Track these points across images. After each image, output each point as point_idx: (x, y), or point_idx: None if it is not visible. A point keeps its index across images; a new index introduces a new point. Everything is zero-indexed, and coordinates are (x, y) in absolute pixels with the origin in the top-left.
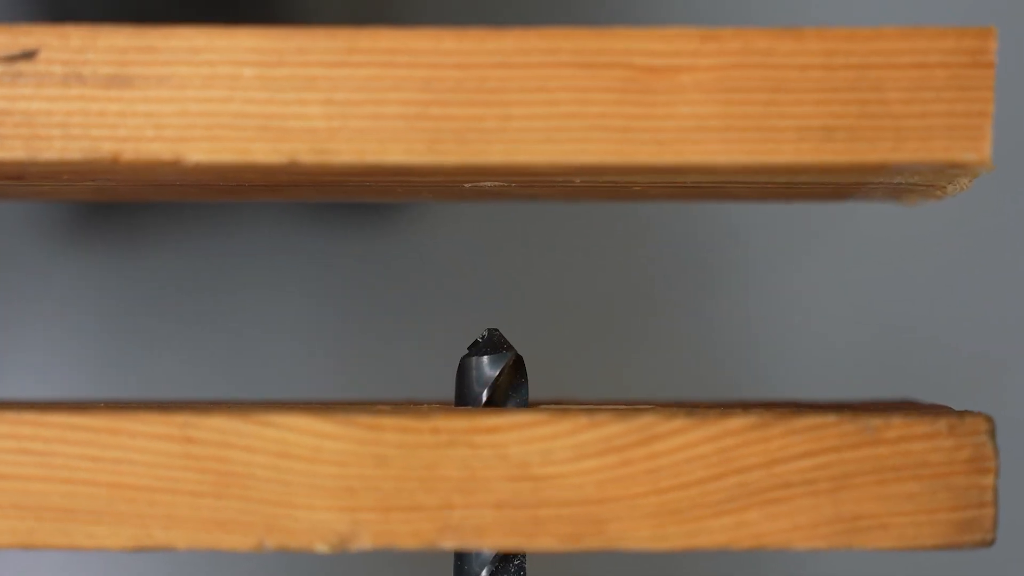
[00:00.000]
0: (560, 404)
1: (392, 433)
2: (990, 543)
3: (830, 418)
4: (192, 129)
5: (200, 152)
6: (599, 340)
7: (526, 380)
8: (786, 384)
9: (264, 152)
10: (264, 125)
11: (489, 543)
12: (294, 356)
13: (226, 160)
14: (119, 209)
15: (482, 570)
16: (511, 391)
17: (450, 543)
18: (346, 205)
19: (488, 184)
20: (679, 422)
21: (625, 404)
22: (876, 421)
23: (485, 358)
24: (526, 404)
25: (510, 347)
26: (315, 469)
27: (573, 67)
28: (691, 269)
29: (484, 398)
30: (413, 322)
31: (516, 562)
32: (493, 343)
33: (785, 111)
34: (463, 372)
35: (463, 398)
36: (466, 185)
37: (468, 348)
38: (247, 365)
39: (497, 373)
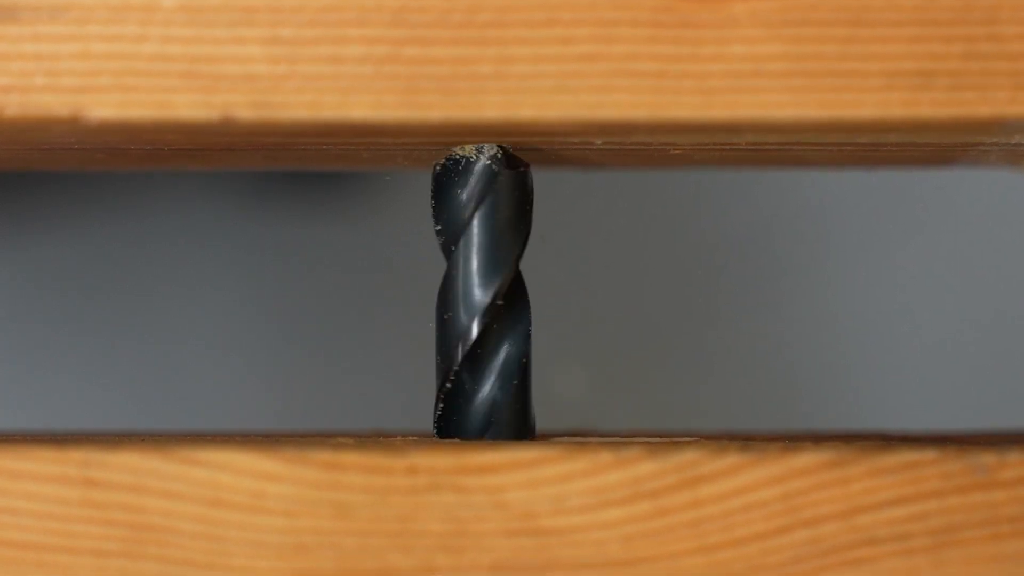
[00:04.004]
0: (577, 436)
1: (356, 474)
2: None
3: (929, 454)
4: (96, 76)
5: (106, 106)
6: (626, 354)
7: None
8: (871, 409)
9: (189, 106)
10: (189, 71)
11: None
12: (228, 374)
13: (140, 116)
14: None
15: None
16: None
17: None
18: (296, 177)
19: (483, 147)
20: (731, 460)
21: (661, 436)
22: (989, 458)
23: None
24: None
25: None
26: (256, 521)
27: None
28: (747, 258)
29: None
30: (381, 331)
31: None
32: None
33: (869, 51)
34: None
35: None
36: (454, 149)
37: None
38: (166, 386)
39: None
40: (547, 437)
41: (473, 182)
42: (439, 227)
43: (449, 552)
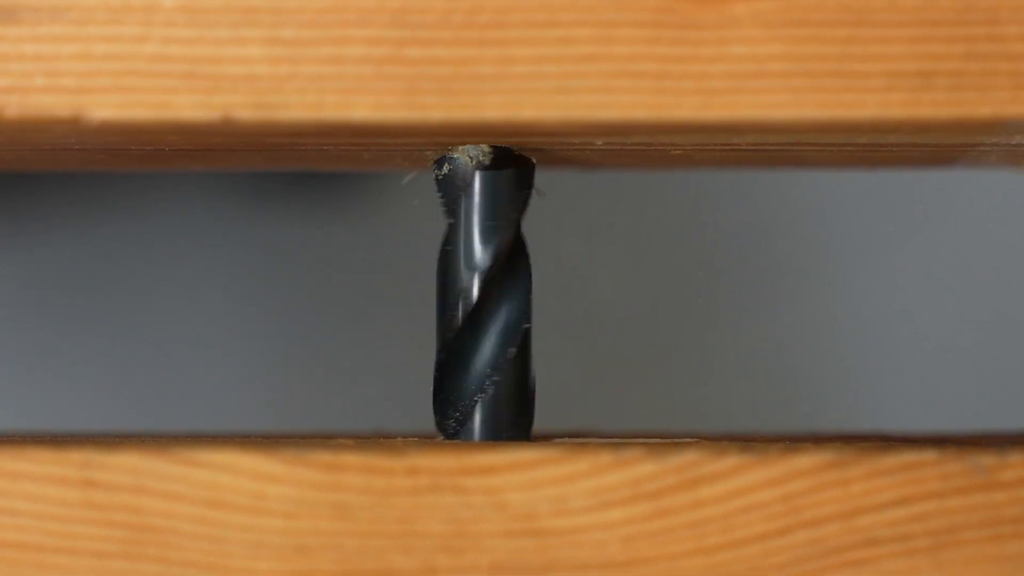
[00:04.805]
0: (577, 437)
1: (356, 475)
2: None
3: (929, 455)
4: (96, 77)
5: (107, 107)
6: (626, 354)
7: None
8: (871, 410)
9: (190, 106)
10: (190, 71)
11: None
12: (228, 374)
13: (140, 117)
14: None
15: None
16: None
17: None
18: (296, 177)
19: (482, 147)
20: (731, 460)
21: (661, 437)
22: (989, 459)
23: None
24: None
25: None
26: (256, 522)
27: None
28: (747, 258)
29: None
30: (381, 331)
31: None
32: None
33: (869, 51)
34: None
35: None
36: (452, 150)
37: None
38: (166, 386)
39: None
40: (547, 438)
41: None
42: (441, 190)
43: (450, 553)
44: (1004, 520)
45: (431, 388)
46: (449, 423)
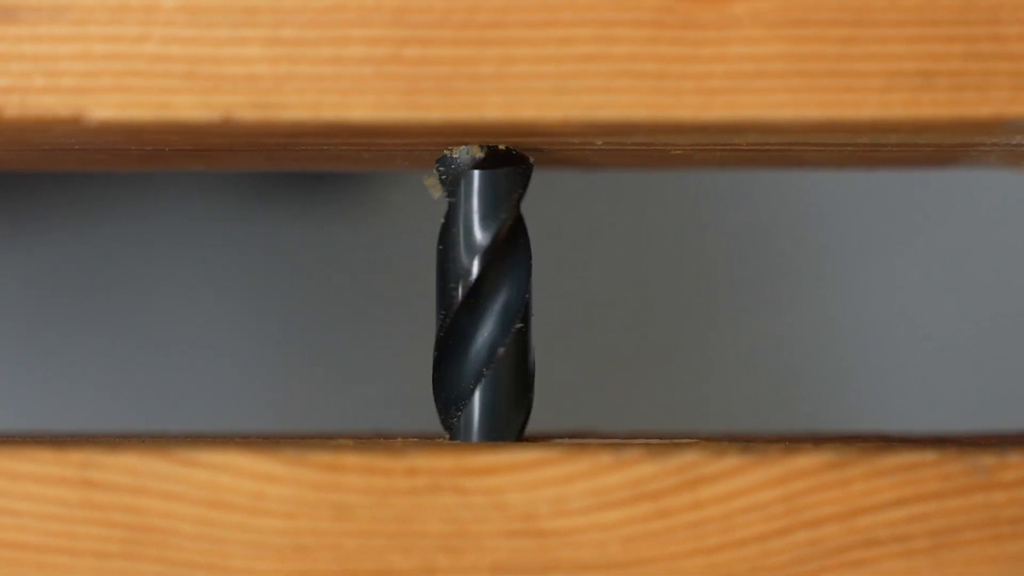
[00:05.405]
0: (577, 438)
1: (356, 475)
2: None
3: (928, 455)
4: (96, 76)
5: (107, 107)
6: (626, 355)
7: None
8: (871, 410)
9: (190, 106)
10: (190, 71)
11: None
12: (228, 374)
13: (141, 117)
14: None
15: None
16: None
17: None
18: (296, 177)
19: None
20: (731, 461)
21: (661, 438)
22: (989, 459)
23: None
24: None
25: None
26: (256, 522)
27: None
28: (748, 258)
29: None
30: (381, 331)
31: None
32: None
33: (870, 51)
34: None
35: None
36: (451, 150)
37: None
38: (166, 386)
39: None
40: (547, 438)
41: None
42: (440, 169)
43: (449, 553)
44: (1004, 520)
45: (431, 388)
46: (449, 405)
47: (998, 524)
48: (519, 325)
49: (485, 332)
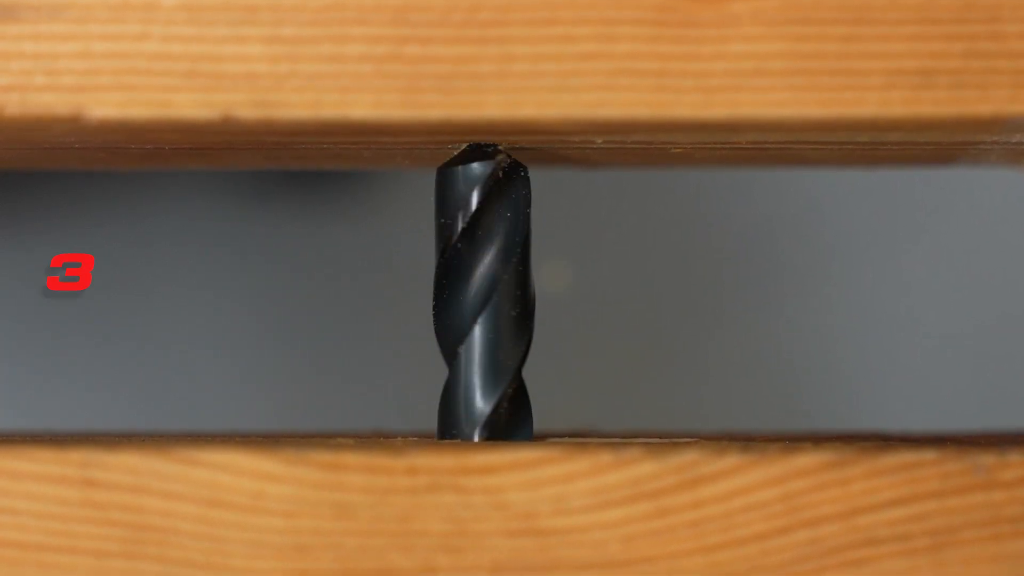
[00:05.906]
0: (577, 437)
1: (356, 474)
2: None
3: (928, 454)
4: (96, 75)
5: (107, 105)
6: (626, 354)
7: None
8: (871, 410)
9: (190, 105)
10: (190, 70)
11: None
12: (228, 374)
13: (141, 116)
14: None
15: None
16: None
17: None
18: (296, 177)
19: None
20: (731, 460)
21: (661, 437)
22: (989, 458)
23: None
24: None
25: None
26: (256, 521)
27: None
28: (747, 258)
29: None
30: (381, 331)
31: None
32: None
33: (870, 49)
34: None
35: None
36: (453, 148)
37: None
38: (166, 386)
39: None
40: (547, 437)
41: None
42: None
43: (449, 552)
44: (1004, 520)
45: (431, 386)
46: (449, 339)
47: (998, 523)
48: (518, 258)
49: (485, 262)
